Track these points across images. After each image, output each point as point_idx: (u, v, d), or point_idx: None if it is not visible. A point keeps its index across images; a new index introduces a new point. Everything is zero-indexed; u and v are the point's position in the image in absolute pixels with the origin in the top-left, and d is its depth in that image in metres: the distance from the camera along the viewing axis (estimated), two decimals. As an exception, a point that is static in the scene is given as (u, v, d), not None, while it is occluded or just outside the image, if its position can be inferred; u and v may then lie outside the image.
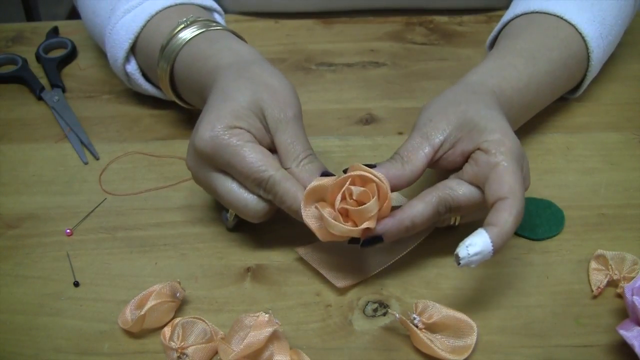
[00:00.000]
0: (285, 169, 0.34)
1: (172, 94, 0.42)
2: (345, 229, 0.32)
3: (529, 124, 0.45)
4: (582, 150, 0.43)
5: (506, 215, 0.31)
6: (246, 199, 0.34)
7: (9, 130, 0.46)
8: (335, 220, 0.32)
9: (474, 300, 0.35)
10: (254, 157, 0.33)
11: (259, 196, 0.34)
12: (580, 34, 0.41)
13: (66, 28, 0.54)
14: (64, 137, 0.45)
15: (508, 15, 0.44)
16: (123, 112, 0.47)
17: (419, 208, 0.32)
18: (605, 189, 0.41)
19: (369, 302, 0.35)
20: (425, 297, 0.35)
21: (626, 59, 0.50)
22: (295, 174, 0.34)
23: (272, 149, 0.35)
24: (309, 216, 0.33)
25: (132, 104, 0.48)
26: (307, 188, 0.33)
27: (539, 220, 0.38)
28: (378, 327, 0.34)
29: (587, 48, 0.41)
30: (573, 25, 0.41)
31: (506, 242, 0.31)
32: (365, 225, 0.32)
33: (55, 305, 0.35)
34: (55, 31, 0.53)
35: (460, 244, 0.31)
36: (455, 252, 0.31)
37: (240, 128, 0.34)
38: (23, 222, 0.40)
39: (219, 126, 0.34)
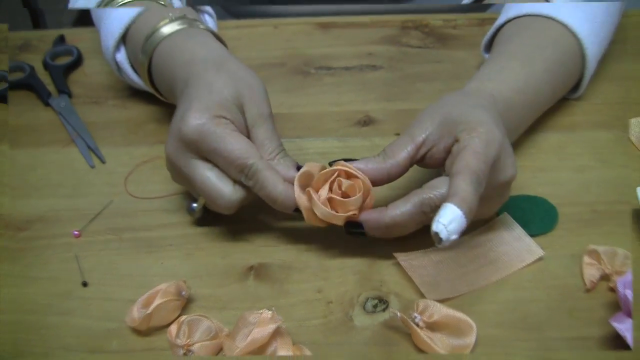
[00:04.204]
0: None
1: (150, 86, 0.44)
2: (329, 213, 0.34)
3: (523, 124, 0.46)
4: (574, 148, 0.44)
5: (462, 184, 0.31)
6: (222, 189, 0.36)
7: (18, 136, 0.47)
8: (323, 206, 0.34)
9: (471, 295, 0.35)
10: (239, 145, 0.35)
11: (240, 183, 0.36)
12: (572, 32, 0.42)
13: (72, 36, 0.55)
14: (71, 142, 0.46)
15: (501, 19, 0.45)
16: (128, 117, 0.48)
17: (400, 206, 0.34)
18: (597, 186, 0.41)
19: (368, 298, 0.35)
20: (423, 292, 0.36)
21: (617, 59, 0.51)
22: (272, 166, 0.36)
23: None
24: (300, 197, 0.35)
25: (137, 109, 0.49)
26: (300, 171, 0.35)
27: (532, 217, 0.39)
28: (378, 322, 0.34)
29: (581, 45, 0.42)
30: (564, 24, 0.42)
31: (474, 209, 0.31)
32: (349, 213, 0.34)
33: (65, 304, 0.36)
34: (61, 39, 0.54)
35: (432, 224, 0.31)
36: (432, 232, 0.31)
37: (226, 118, 0.36)
38: (33, 224, 0.40)
39: (207, 115, 0.35)
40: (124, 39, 0.44)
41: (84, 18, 0.51)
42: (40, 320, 0.35)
